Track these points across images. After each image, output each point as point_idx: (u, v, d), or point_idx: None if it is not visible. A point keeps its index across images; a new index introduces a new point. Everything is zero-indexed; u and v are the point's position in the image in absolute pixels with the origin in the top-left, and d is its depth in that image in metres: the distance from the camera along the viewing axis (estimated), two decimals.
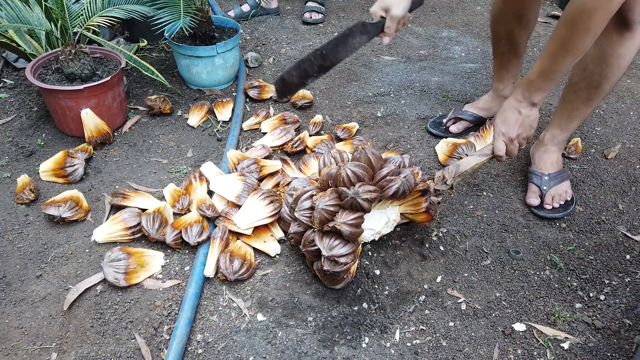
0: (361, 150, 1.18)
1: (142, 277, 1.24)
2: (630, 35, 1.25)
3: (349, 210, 1.12)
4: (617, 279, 1.30)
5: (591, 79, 1.35)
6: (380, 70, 2.20)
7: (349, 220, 1.10)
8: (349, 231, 1.10)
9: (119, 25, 2.22)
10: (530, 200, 1.48)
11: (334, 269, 1.12)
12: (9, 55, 2.09)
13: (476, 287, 1.27)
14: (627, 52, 1.28)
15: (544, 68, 1.17)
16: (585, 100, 1.40)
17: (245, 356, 1.09)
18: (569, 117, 1.46)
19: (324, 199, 1.13)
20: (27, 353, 1.09)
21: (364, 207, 1.11)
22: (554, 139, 1.51)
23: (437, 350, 1.12)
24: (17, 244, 1.33)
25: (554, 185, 1.48)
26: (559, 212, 1.46)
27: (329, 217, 1.12)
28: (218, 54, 1.89)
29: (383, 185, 1.15)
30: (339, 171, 1.15)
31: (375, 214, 1.23)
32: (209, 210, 1.35)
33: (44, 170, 1.54)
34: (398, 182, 1.14)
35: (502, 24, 1.59)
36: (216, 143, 1.73)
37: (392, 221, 1.26)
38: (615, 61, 1.29)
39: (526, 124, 1.25)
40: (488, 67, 2.26)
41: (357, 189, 1.10)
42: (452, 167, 1.31)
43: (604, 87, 1.35)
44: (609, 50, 1.28)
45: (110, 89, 1.67)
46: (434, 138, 1.77)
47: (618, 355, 1.13)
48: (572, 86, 1.42)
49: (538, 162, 1.54)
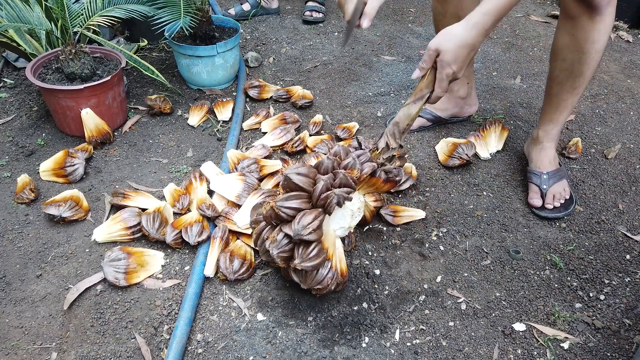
0: (286, 178, 1.13)
1: (142, 277, 1.24)
2: (601, 18, 1.26)
3: (303, 245, 1.10)
4: (617, 279, 1.30)
5: (572, 68, 1.36)
6: (380, 70, 2.20)
7: (307, 256, 1.08)
8: (311, 265, 1.08)
9: (119, 25, 2.22)
10: (533, 202, 1.48)
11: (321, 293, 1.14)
12: (9, 55, 2.09)
13: (476, 287, 1.27)
14: (600, 35, 1.29)
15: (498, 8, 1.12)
16: (570, 90, 1.41)
17: (245, 356, 1.09)
18: (558, 109, 1.47)
19: (274, 245, 1.10)
20: (27, 352, 1.09)
21: (314, 239, 1.08)
22: (548, 134, 1.52)
23: (437, 350, 1.12)
24: (17, 244, 1.33)
25: (553, 184, 1.48)
26: (560, 212, 1.46)
27: (288, 255, 1.11)
28: (218, 54, 1.89)
29: (322, 204, 1.12)
30: (275, 211, 1.10)
31: (337, 215, 1.20)
32: (209, 210, 1.35)
33: (44, 170, 1.54)
34: (334, 198, 1.10)
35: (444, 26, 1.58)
36: (216, 143, 1.73)
37: (357, 210, 1.23)
38: (590, 46, 1.31)
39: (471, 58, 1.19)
40: (488, 66, 2.26)
41: (297, 228, 1.07)
42: (391, 128, 1.26)
43: (585, 74, 1.37)
44: (583, 36, 1.30)
45: (111, 89, 1.67)
46: (434, 138, 1.77)
47: (618, 355, 1.13)
48: (554, 79, 1.43)
49: (536, 161, 1.54)
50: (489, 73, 2.21)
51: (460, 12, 1.53)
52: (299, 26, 2.58)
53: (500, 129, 1.78)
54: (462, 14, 1.52)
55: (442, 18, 1.58)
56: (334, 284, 1.13)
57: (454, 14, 1.54)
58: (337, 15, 2.72)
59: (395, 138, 1.26)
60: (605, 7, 1.24)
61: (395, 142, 1.27)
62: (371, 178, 1.23)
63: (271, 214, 1.12)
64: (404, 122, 1.25)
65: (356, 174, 1.17)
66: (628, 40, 2.55)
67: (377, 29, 2.59)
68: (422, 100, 1.22)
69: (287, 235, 1.09)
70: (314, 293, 1.14)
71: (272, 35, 2.48)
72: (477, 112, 1.92)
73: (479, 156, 1.70)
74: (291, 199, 1.11)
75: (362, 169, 1.19)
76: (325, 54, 2.33)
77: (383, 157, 1.27)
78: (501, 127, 1.78)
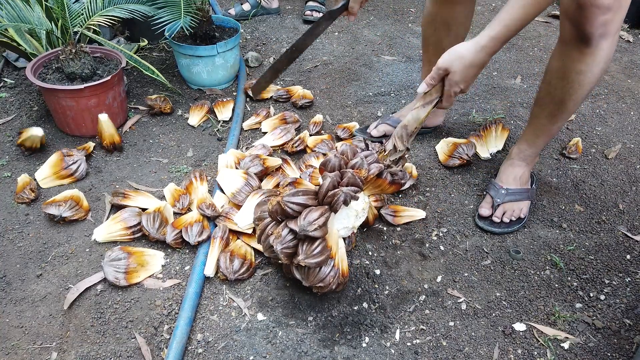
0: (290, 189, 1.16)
1: (142, 277, 1.24)
2: (590, 51, 1.17)
3: (308, 242, 1.10)
4: (618, 279, 1.30)
5: (554, 94, 1.30)
6: (380, 70, 2.20)
7: (312, 252, 1.09)
8: (316, 262, 1.08)
9: (120, 25, 2.22)
10: (481, 211, 1.44)
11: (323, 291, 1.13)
12: (9, 55, 2.09)
13: (476, 286, 1.27)
14: (588, 68, 1.20)
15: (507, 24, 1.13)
16: (548, 117, 1.36)
17: (245, 356, 1.09)
18: (535, 132, 1.42)
19: (279, 241, 1.10)
20: (27, 352, 1.09)
21: (319, 236, 1.09)
22: (521, 153, 1.46)
23: (437, 350, 1.12)
24: (17, 243, 1.33)
25: (509, 201, 1.43)
26: (500, 228, 1.41)
27: (291, 251, 1.11)
28: (218, 54, 1.89)
29: (329, 201, 1.12)
30: (281, 207, 1.11)
31: (342, 214, 1.20)
32: (209, 210, 1.35)
33: (44, 177, 1.50)
34: (341, 196, 1.10)
35: (431, 30, 1.59)
36: (216, 142, 1.73)
37: (361, 211, 1.23)
38: (575, 77, 1.23)
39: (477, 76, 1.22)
40: (488, 66, 2.26)
41: (303, 223, 1.07)
42: (399, 131, 1.27)
43: (566, 105, 1.30)
44: (570, 65, 1.23)
45: (111, 89, 1.67)
46: (434, 138, 1.77)
47: (618, 355, 1.13)
48: (538, 100, 1.38)
49: (501, 175, 1.49)
50: (489, 73, 2.21)
51: (450, 20, 1.54)
52: (299, 26, 2.58)
53: (501, 129, 1.78)
54: (452, 22, 1.54)
55: (432, 21, 1.57)
56: (335, 283, 1.13)
57: (444, 19, 1.53)
58: None
59: (403, 140, 1.27)
60: (597, 39, 1.15)
61: (403, 145, 1.27)
62: (377, 179, 1.23)
63: (277, 209, 1.12)
64: (412, 126, 1.26)
65: (364, 174, 1.18)
66: (628, 40, 2.55)
67: (378, 28, 2.59)
68: (431, 104, 1.25)
69: (292, 230, 1.09)
70: (315, 291, 1.14)
71: (272, 35, 2.48)
72: (477, 112, 1.93)
73: (479, 156, 1.70)
74: (298, 194, 1.12)
75: (369, 169, 1.20)
76: (326, 54, 2.33)
77: (390, 159, 1.28)
78: (501, 127, 1.78)
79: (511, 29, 1.13)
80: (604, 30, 1.13)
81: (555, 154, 1.73)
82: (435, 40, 1.59)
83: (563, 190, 1.58)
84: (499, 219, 1.42)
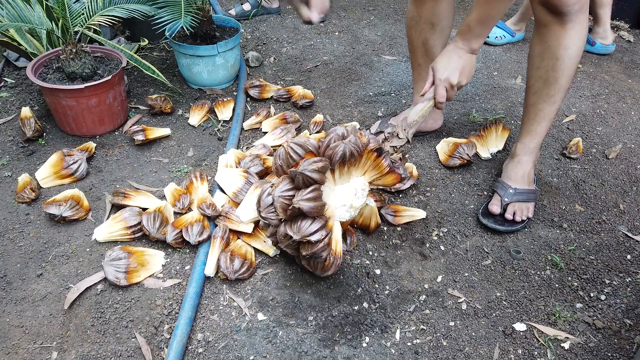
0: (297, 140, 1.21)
1: (142, 276, 1.24)
2: (572, 26, 1.27)
3: (303, 188, 1.13)
4: (618, 279, 1.30)
5: (546, 76, 1.35)
6: (381, 70, 2.20)
7: (305, 196, 1.10)
8: (308, 206, 1.10)
9: (120, 25, 2.22)
10: (492, 208, 1.43)
11: (312, 250, 1.12)
12: (10, 54, 2.09)
13: (477, 286, 1.27)
14: (572, 42, 1.29)
15: (481, 15, 1.24)
16: (546, 99, 1.39)
17: (245, 355, 1.09)
18: (535, 119, 1.43)
19: (278, 188, 1.14)
20: (27, 352, 1.09)
21: (316, 179, 1.11)
22: (525, 147, 1.47)
23: (437, 350, 1.12)
24: (18, 243, 1.33)
25: (517, 201, 1.43)
26: (504, 226, 1.41)
27: (289, 202, 1.12)
28: (219, 53, 1.89)
29: (329, 154, 1.16)
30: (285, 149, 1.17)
31: (340, 189, 1.23)
32: (209, 210, 1.35)
33: (44, 177, 1.50)
34: (341, 146, 1.14)
35: (416, 32, 1.59)
36: (217, 142, 1.73)
37: (360, 191, 1.25)
38: (563, 52, 1.30)
39: (466, 70, 1.30)
40: (489, 66, 2.26)
41: (303, 164, 1.12)
42: (400, 121, 1.33)
43: (560, 81, 1.35)
44: (555, 43, 1.30)
45: (111, 88, 1.67)
46: (435, 138, 1.77)
47: (618, 355, 1.13)
48: (530, 88, 1.40)
49: (509, 173, 1.48)
50: (490, 73, 2.21)
51: (434, 19, 1.54)
52: (300, 26, 2.58)
53: (501, 129, 1.78)
54: (435, 20, 1.55)
55: (416, 24, 1.58)
56: (325, 251, 1.14)
57: (428, 19, 1.54)
58: (338, 15, 2.72)
59: (403, 129, 1.31)
60: (575, 14, 1.25)
61: (403, 133, 1.31)
62: (377, 158, 1.25)
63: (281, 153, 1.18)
64: (412, 117, 1.32)
65: (365, 140, 1.22)
66: (629, 40, 2.55)
67: (378, 28, 2.59)
68: (429, 101, 1.33)
69: (290, 177, 1.13)
70: (304, 254, 1.13)
71: (272, 35, 2.48)
72: (478, 111, 1.93)
73: (479, 156, 1.69)
74: (302, 144, 1.18)
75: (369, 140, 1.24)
76: (326, 54, 2.33)
77: (390, 144, 1.31)
78: (502, 126, 1.78)
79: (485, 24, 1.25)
80: (579, 5, 1.24)
81: (555, 154, 1.73)
82: (422, 41, 1.60)
83: (564, 190, 1.58)
84: (511, 217, 1.42)
